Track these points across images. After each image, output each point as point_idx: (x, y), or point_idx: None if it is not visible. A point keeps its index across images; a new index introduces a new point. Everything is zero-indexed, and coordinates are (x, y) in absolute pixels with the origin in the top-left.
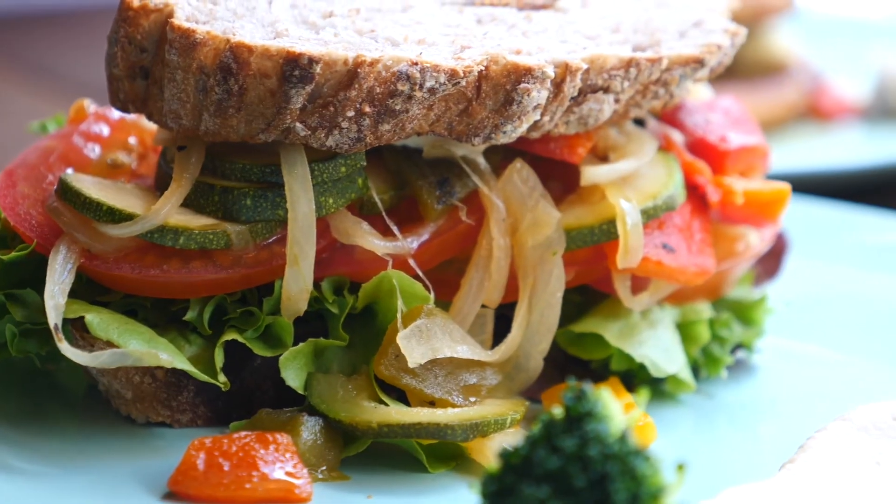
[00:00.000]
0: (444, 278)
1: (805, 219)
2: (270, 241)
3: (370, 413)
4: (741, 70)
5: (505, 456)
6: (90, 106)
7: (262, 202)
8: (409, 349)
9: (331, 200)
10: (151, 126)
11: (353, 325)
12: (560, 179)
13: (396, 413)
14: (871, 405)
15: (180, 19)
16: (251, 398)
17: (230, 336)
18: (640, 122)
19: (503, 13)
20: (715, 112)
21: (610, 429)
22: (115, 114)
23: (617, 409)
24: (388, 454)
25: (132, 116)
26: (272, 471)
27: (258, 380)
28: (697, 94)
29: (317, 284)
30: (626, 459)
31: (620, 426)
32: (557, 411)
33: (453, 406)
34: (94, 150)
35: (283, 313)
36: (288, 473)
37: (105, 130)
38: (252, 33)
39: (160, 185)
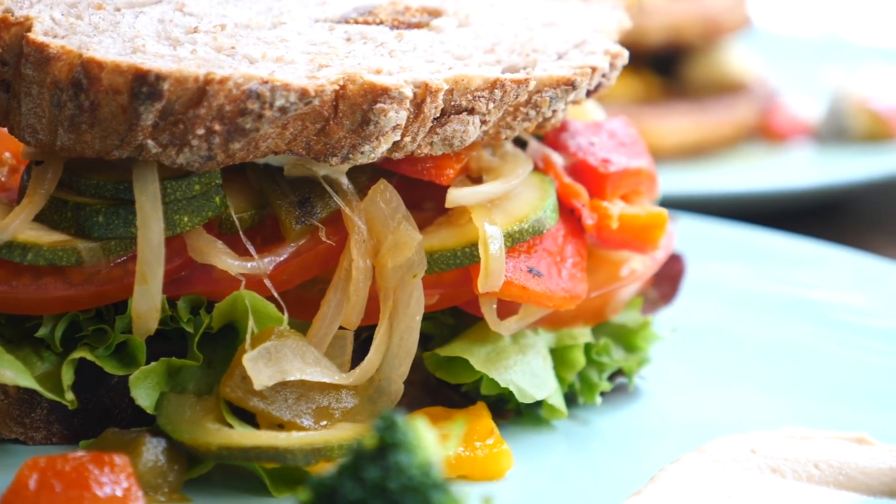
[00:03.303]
0: (308, 298)
1: (716, 242)
2: (124, 258)
3: (212, 435)
4: (695, 89)
5: (313, 485)
6: None
7: (114, 219)
8: (255, 371)
9: (185, 219)
10: None
11: (214, 344)
12: (437, 201)
13: (238, 436)
14: (731, 437)
15: (37, 33)
16: (109, 416)
17: (80, 354)
18: (523, 144)
19: (375, 32)
20: (600, 134)
21: (414, 460)
22: None
23: (429, 440)
24: (237, 477)
25: (6, 129)
26: (104, 492)
27: (115, 398)
28: (588, 115)
29: (173, 303)
30: (427, 492)
31: (427, 458)
32: (369, 440)
33: (302, 429)
34: None
35: (135, 332)
36: (122, 494)
37: None
38: (108, 49)
39: (21, 200)
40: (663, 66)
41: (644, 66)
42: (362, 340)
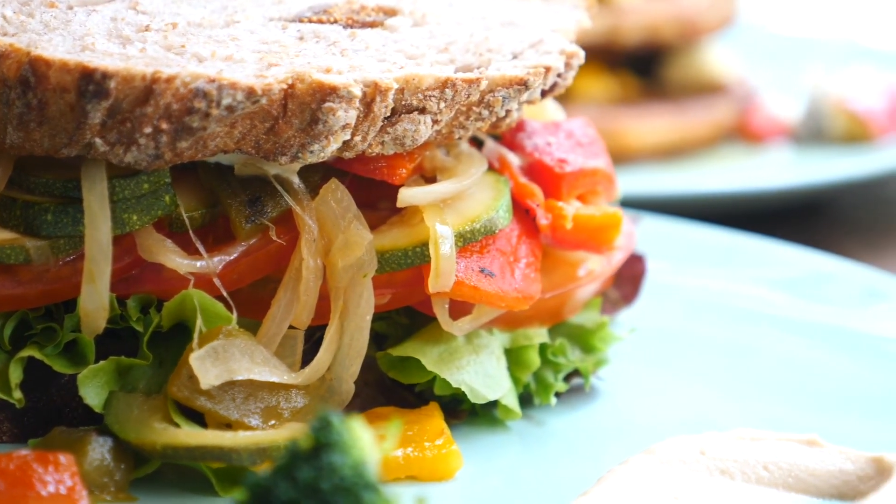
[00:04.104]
0: (260, 298)
1: (682, 243)
2: (73, 257)
3: (157, 434)
4: (673, 90)
5: (249, 485)
6: None
7: (63, 217)
8: (202, 370)
9: (135, 217)
10: None
11: (166, 344)
12: (391, 200)
13: (184, 435)
14: (681, 438)
15: None
16: (60, 415)
17: (29, 352)
18: (481, 144)
19: (328, 31)
20: (557, 134)
21: (348, 461)
22: None
23: (364, 441)
24: (185, 476)
25: None
26: (47, 491)
27: (66, 397)
28: (547, 115)
29: (123, 302)
30: (358, 493)
31: (360, 458)
32: (304, 440)
33: (250, 429)
34: None
35: (84, 330)
36: (66, 492)
37: None
38: (57, 47)
39: None
40: (643, 66)
41: (622, 67)
42: (315, 340)
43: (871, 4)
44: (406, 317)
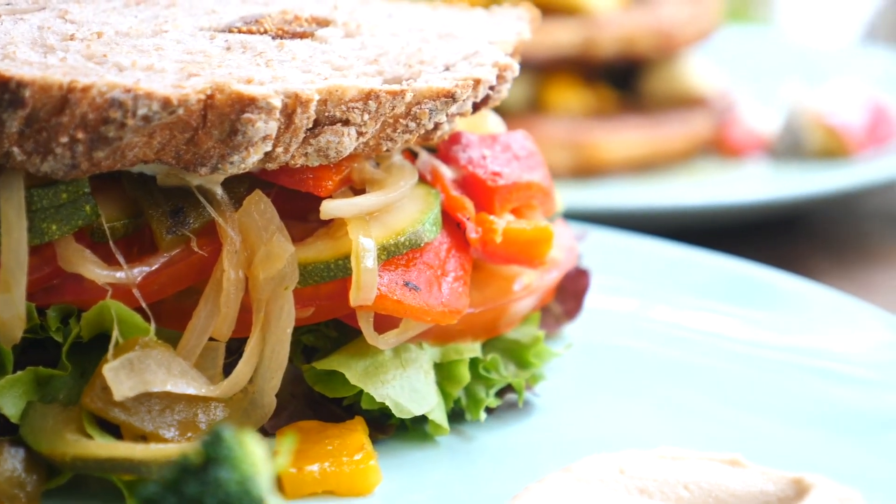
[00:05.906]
0: (184, 309)
1: (630, 257)
2: None
3: (69, 445)
4: (651, 103)
5: (139, 498)
6: None
7: None
8: (116, 382)
9: (54, 227)
10: None
11: (88, 354)
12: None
13: (94, 447)
14: (600, 456)
15: None
16: None
17: None
18: (416, 155)
19: (256, 41)
20: (494, 147)
21: (235, 476)
22: None
23: (255, 456)
24: (99, 488)
25: None
26: None
27: None
28: (486, 127)
29: (43, 312)
30: None
31: (248, 474)
32: (194, 454)
33: (165, 441)
34: None
35: (0, 340)
36: None
37: None
38: None
39: None
40: (621, 79)
41: (599, 79)
42: (240, 353)
43: (856, 15)
44: (335, 329)
